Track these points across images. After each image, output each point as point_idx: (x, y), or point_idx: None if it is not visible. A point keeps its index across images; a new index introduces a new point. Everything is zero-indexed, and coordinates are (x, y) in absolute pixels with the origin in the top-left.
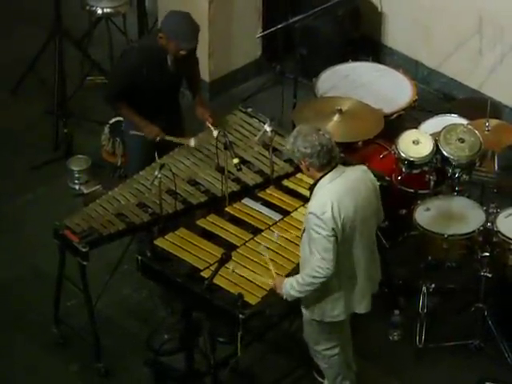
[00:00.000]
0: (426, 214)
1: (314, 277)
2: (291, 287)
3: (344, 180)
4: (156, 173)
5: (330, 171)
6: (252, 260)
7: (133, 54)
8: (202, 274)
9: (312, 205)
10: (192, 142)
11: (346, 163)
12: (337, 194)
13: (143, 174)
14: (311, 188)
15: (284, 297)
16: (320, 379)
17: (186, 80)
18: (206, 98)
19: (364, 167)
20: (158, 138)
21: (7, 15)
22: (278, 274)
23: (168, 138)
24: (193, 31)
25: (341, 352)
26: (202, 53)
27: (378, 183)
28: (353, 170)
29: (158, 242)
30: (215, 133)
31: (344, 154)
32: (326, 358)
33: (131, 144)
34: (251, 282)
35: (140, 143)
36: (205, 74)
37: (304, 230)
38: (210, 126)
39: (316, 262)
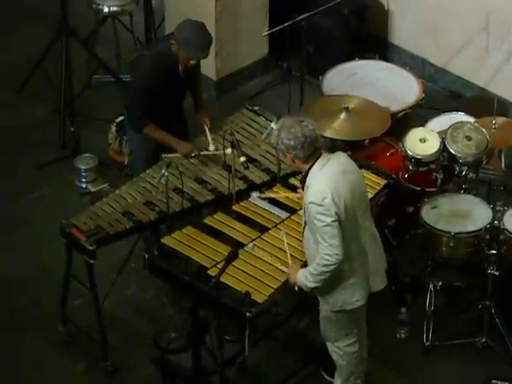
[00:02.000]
0: (432, 212)
1: (325, 265)
2: (306, 279)
3: (334, 164)
4: (163, 171)
5: (316, 160)
6: (259, 258)
7: (147, 62)
8: (209, 272)
9: (310, 195)
10: (229, 150)
11: (331, 149)
12: (331, 179)
13: (150, 172)
14: (302, 180)
15: (296, 288)
16: (328, 378)
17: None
18: (213, 96)
19: (344, 153)
20: (194, 154)
21: (13, 14)
22: (293, 256)
23: (203, 153)
24: (205, 41)
25: (359, 349)
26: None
27: (385, 181)
28: (336, 155)
29: (165, 240)
30: (212, 147)
31: (351, 151)
32: (347, 354)
33: (135, 145)
34: (259, 280)
35: (144, 143)
36: (212, 72)
37: (305, 225)
38: (208, 135)
39: (324, 249)
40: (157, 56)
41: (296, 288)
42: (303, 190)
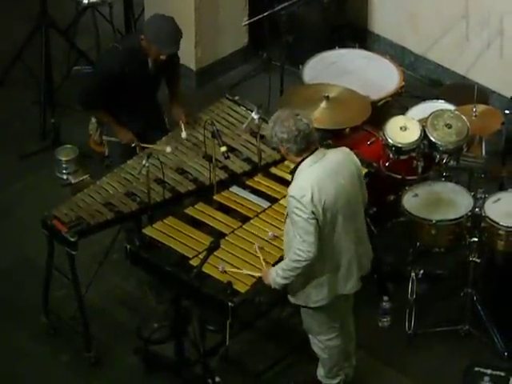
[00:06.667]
0: (413, 200)
1: (296, 260)
2: (277, 274)
3: (325, 163)
4: (144, 162)
5: (309, 155)
6: (241, 248)
7: (115, 56)
8: (191, 262)
9: (292, 188)
10: (168, 149)
11: (330, 147)
12: (317, 178)
13: (131, 163)
14: (292, 172)
15: (272, 286)
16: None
17: (165, 79)
18: (193, 86)
19: (346, 149)
20: (134, 145)
21: None
22: (266, 261)
23: (144, 145)
24: (174, 36)
25: (342, 343)
26: (189, 41)
27: (366, 170)
28: (335, 152)
29: (147, 230)
30: (184, 134)
31: (331, 140)
32: (328, 348)
33: (112, 147)
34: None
35: (121, 146)
36: (191, 62)
37: (287, 214)
38: (182, 125)
39: (297, 244)
40: (126, 51)
41: (272, 286)
42: (292, 181)
